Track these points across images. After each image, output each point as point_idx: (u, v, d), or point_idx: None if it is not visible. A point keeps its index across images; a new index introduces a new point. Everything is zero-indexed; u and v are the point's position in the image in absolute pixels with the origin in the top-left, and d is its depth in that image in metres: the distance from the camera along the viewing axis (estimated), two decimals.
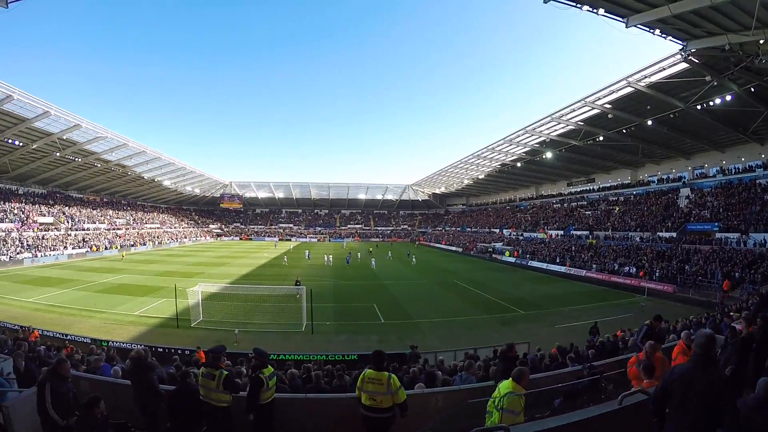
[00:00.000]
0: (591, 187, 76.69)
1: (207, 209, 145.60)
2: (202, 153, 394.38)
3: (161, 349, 20.39)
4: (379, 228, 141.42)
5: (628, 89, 39.21)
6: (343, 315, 31.60)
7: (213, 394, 7.51)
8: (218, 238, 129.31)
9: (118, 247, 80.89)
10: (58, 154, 64.80)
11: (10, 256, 57.96)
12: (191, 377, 7.86)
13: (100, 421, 6.06)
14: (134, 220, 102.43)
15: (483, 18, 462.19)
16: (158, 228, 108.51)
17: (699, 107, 37.79)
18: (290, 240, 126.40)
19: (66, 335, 23.67)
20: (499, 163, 79.43)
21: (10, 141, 55.80)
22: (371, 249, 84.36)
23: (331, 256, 68.91)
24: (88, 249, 74.05)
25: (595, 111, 45.75)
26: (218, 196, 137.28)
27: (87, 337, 23.26)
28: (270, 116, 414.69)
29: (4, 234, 62.58)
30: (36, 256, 61.57)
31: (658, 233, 49.50)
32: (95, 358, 12.32)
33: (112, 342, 22.36)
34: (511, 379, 6.24)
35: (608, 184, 71.66)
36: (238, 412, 7.58)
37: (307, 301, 28.79)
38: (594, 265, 49.94)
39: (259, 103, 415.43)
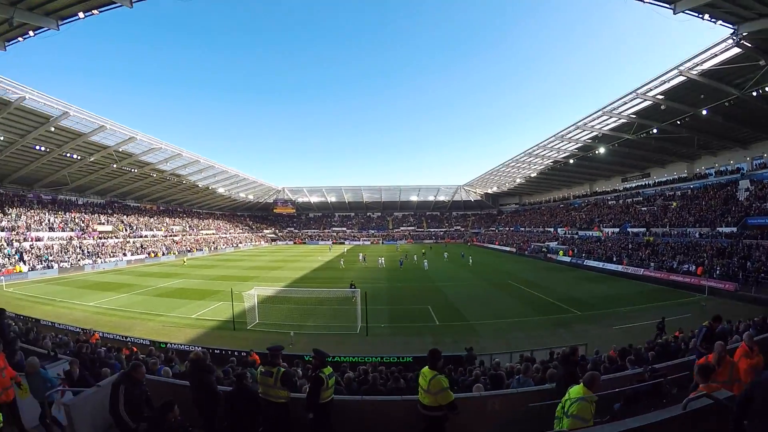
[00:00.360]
0: (646, 182, 74.36)
1: (261, 215, 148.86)
2: (255, 161, 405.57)
3: (218, 351, 20.76)
4: (432, 229, 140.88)
5: (680, 78, 37.98)
6: (397, 317, 31.43)
7: (272, 390, 7.83)
8: (273, 243, 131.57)
9: (176, 253, 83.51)
10: (115, 165, 67.54)
11: (72, 263, 60.52)
12: (247, 379, 8.03)
13: (173, 425, 6.20)
14: (190, 226, 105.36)
15: (528, 14, 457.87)
16: (214, 234, 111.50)
17: (755, 93, 36.25)
18: (344, 243, 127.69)
19: (126, 337, 24.43)
20: (552, 160, 77.99)
21: (68, 155, 58.43)
22: (424, 251, 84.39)
23: (383, 258, 69.19)
24: (147, 255, 76.57)
25: (647, 103, 44.47)
26: (271, 201, 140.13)
27: (146, 339, 23.92)
28: (321, 124, 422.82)
29: (65, 242, 65.55)
30: (96, 263, 64.10)
31: (718, 228, 47.63)
32: (153, 361, 12.66)
33: (171, 344, 23.13)
34: (582, 384, 6.10)
35: (664, 179, 69.19)
36: (297, 412, 7.72)
37: (361, 304, 28.84)
38: (652, 264, 48.40)
39: (311, 113, 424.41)
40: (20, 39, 28.41)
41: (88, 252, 66.38)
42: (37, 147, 53.64)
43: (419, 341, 24.96)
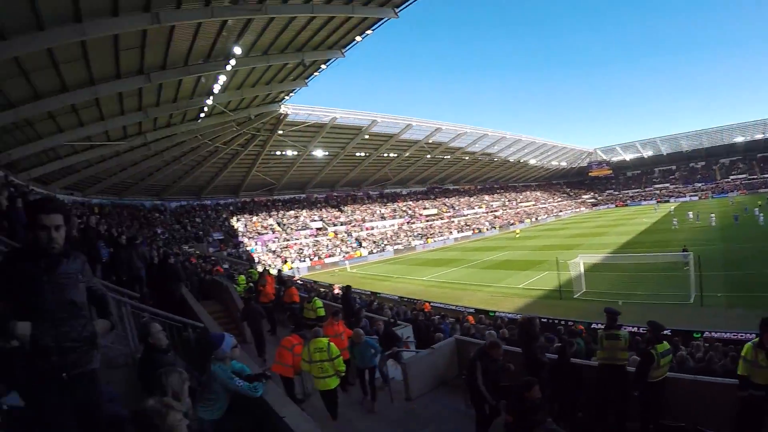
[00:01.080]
0: None
1: (576, 180, 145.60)
2: (561, 128, 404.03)
3: (545, 320, 20.68)
4: (767, 175, 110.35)
5: None
6: (735, 284, 26.90)
7: (619, 353, 7.77)
8: (593, 208, 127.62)
9: (498, 228, 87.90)
10: (428, 156, 75.40)
11: (404, 245, 69.32)
12: (570, 350, 8.19)
13: (531, 405, 5.90)
14: (508, 200, 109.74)
15: None
16: (532, 205, 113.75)
17: None
18: (668, 201, 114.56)
19: (456, 306, 26.76)
20: None
21: (385, 154, 68.01)
22: (760, 202, 71.85)
23: (714, 215, 60.18)
24: (471, 232, 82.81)
25: None
26: (585, 165, 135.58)
27: (474, 308, 25.84)
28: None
29: (396, 228, 75.98)
30: (426, 243, 72.00)
31: None
32: (482, 327, 14.35)
33: (499, 312, 24.35)
34: None
35: None
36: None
37: (694, 270, 26.07)
38: None
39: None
40: (316, 74, 36.03)
41: (418, 234, 75.30)
42: (358, 153, 64.16)
43: (763, 314, 21.64)
